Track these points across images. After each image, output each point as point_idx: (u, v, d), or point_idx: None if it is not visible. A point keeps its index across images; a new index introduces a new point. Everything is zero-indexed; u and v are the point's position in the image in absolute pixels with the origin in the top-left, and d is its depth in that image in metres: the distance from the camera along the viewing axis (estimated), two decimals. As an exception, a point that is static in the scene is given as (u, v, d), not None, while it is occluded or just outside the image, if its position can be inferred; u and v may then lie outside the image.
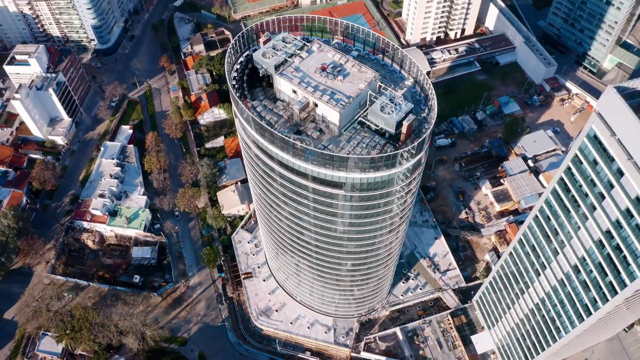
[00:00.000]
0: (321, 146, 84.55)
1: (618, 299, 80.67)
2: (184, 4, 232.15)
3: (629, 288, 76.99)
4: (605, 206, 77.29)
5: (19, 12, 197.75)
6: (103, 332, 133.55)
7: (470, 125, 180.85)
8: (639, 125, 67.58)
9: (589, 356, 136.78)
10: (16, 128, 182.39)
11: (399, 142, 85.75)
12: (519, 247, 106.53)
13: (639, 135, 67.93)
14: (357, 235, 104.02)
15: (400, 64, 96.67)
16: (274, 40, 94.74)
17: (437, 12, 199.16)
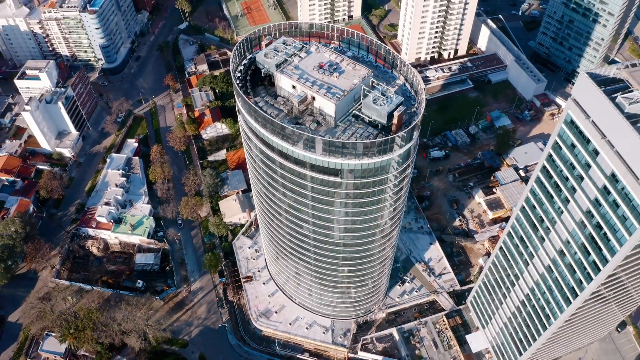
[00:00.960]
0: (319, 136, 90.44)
1: (601, 277, 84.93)
2: (189, 27, 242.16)
3: (611, 264, 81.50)
4: (585, 187, 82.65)
5: (30, 31, 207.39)
6: (106, 332, 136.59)
7: (463, 139, 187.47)
8: (610, 105, 73.73)
9: (582, 356, 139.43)
10: (24, 141, 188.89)
11: (391, 132, 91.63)
12: (508, 240, 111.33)
13: (611, 115, 73.78)
14: (353, 240, 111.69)
15: (392, 64, 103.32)
16: (275, 43, 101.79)
17: (431, 33, 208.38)
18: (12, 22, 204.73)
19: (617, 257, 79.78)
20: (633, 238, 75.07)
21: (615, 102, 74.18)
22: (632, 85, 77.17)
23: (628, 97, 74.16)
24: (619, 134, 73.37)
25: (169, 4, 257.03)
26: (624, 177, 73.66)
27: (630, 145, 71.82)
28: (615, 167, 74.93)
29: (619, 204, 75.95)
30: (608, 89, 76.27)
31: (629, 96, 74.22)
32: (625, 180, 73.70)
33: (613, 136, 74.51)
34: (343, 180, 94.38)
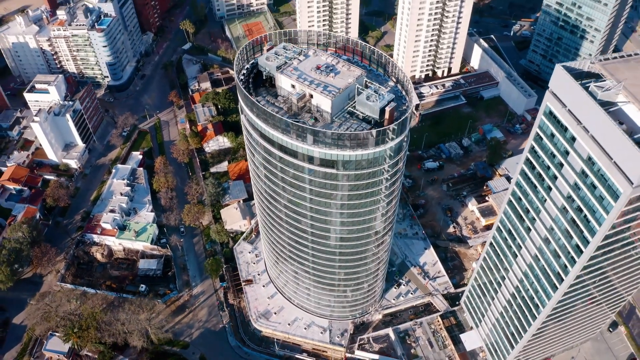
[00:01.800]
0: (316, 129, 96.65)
1: (584, 259, 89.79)
2: (192, 47, 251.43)
3: (592, 244, 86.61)
4: (565, 173, 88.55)
5: (39, 48, 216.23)
6: (109, 331, 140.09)
7: (456, 151, 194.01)
8: (584, 94, 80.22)
9: (575, 355, 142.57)
10: (32, 152, 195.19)
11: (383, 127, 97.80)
12: (497, 234, 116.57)
13: (585, 103, 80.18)
14: (349, 242, 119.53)
15: (384, 68, 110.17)
16: (276, 48, 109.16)
17: (425, 52, 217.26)
18: (22, 40, 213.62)
19: (597, 237, 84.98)
20: (610, 216, 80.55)
21: (588, 91, 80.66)
22: (604, 76, 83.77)
23: (600, 85, 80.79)
24: (593, 119, 79.61)
25: (173, 26, 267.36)
26: (599, 159, 79.58)
27: (603, 129, 77.97)
28: (591, 150, 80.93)
29: (596, 185, 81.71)
30: (583, 81, 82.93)
31: (601, 85, 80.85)
32: (600, 162, 79.58)
33: (588, 122, 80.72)
34: (339, 171, 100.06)
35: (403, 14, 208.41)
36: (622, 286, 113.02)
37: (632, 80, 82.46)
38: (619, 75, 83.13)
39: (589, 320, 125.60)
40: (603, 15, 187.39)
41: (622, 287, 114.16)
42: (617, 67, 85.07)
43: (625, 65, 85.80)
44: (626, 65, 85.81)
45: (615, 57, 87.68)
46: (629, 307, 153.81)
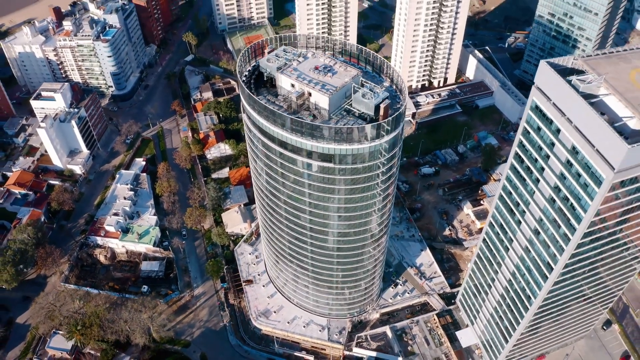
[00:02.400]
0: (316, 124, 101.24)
1: (571, 247, 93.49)
2: (195, 59, 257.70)
3: (578, 231, 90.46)
4: (551, 164, 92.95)
5: (45, 58, 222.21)
6: (112, 328, 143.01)
7: (452, 157, 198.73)
8: (567, 87, 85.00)
9: (569, 352, 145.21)
10: (37, 158, 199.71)
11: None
12: (490, 230, 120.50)
13: (568, 95, 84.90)
14: (346, 245, 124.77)
15: (380, 69, 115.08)
16: (277, 51, 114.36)
17: (421, 62, 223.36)
18: (28, 49, 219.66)
19: (583, 224, 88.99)
20: (595, 202, 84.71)
21: (571, 84, 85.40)
22: (586, 71, 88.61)
23: (582, 79, 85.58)
24: (576, 111, 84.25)
25: (176, 39, 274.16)
26: (583, 148, 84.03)
27: (586, 119, 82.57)
28: (575, 140, 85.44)
29: (581, 173, 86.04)
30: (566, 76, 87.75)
31: (583, 78, 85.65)
32: (584, 150, 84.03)
33: (571, 113, 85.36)
34: (336, 166, 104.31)
35: (399, 25, 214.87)
36: (611, 280, 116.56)
37: (613, 74, 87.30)
38: (600, 70, 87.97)
39: (580, 315, 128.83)
40: (594, 24, 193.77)
41: (611, 281, 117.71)
42: (598, 63, 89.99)
43: (607, 61, 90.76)
44: (608, 61, 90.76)
45: (598, 54, 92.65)
46: (623, 306, 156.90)
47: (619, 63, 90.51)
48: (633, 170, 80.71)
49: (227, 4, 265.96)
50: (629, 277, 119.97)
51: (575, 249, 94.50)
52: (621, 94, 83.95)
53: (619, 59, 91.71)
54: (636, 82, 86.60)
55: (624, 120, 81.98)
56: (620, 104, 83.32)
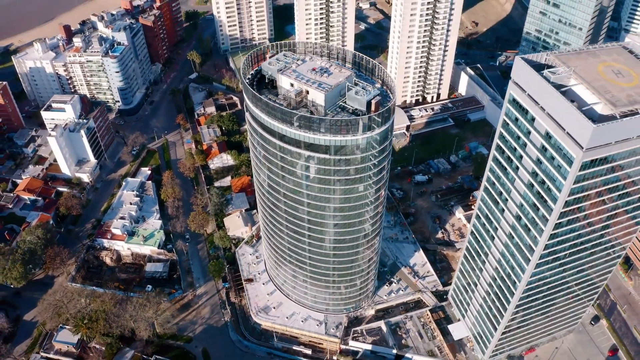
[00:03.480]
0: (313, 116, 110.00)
1: (550, 227, 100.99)
2: (198, 77, 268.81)
3: (555, 211, 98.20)
4: (528, 151, 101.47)
5: (55, 73, 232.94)
6: (118, 322, 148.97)
7: (444, 166, 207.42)
8: (539, 78, 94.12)
9: (559, 345, 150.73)
10: (46, 167, 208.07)
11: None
12: (477, 222, 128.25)
13: (541, 86, 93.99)
14: (342, 244, 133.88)
15: (372, 72, 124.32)
16: (277, 55, 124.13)
17: (414, 78, 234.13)
18: (39, 64, 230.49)
19: (558, 204, 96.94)
20: (568, 181, 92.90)
21: (543, 76, 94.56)
22: (557, 65, 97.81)
23: (552, 71, 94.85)
24: (548, 99, 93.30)
25: (180, 59, 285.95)
26: (555, 132, 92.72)
27: (556, 106, 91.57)
28: (548, 126, 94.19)
29: (554, 156, 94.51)
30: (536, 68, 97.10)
31: (553, 70, 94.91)
32: (556, 134, 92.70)
33: (544, 102, 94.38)
34: (331, 157, 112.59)
35: (394, 43, 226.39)
36: (592, 268, 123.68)
37: (582, 67, 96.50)
38: (570, 64, 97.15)
39: (566, 307, 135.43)
40: (578, 39, 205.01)
41: (592, 270, 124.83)
42: (569, 58, 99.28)
43: (577, 57, 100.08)
44: (578, 57, 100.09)
45: (569, 51, 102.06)
46: (610, 303, 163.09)
47: (588, 58, 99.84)
48: (601, 150, 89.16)
49: (229, 25, 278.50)
50: (610, 266, 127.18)
51: (554, 230, 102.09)
52: (589, 83, 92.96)
53: (588, 54, 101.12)
54: (603, 73, 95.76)
55: (591, 106, 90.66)
56: (588, 91, 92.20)
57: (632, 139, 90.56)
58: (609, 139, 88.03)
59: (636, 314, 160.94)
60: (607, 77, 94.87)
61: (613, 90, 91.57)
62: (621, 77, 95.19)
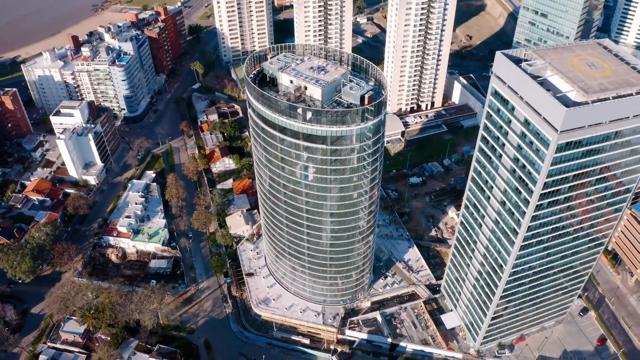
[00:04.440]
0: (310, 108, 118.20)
1: (531, 209, 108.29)
2: (201, 87, 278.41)
3: (535, 192, 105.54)
4: (510, 139, 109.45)
5: (63, 81, 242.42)
6: (123, 312, 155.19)
7: (438, 169, 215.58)
8: (518, 70, 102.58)
9: (548, 335, 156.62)
10: (54, 170, 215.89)
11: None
12: (465, 211, 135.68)
13: (519, 77, 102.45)
14: (338, 241, 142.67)
15: (366, 71, 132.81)
16: (278, 56, 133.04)
17: (409, 86, 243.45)
18: (47, 73, 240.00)
19: (538, 185, 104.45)
20: (545, 163, 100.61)
21: (521, 68, 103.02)
22: (534, 58, 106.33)
23: (530, 63, 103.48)
24: (525, 88, 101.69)
25: (183, 70, 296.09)
26: (533, 118, 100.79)
27: (533, 94, 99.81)
28: (526, 113, 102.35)
29: (533, 141, 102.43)
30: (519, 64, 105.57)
31: (530, 63, 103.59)
32: (534, 120, 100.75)
33: (522, 91, 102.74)
34: (328, 146, 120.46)
35: (389, 52, 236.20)
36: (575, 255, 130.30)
37: (557, 60, 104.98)
38: (546, 57, 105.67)
39: (552, 295, 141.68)
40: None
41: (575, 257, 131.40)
42: (546, 52, 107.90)
43: (554, 51, 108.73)
44: (554, 51, 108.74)
45: (547, 47, 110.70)
46: (599, 296, 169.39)
47: (564, 52, 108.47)
48: (575, 134, 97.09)
49: (231, 38, 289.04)
50: (593, 255, 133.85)
51: (535, 212, 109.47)
52: (564, 73, 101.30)
53: (564, 49, 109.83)
54: (577, 65, 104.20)
55: (565, 93, 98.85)
56: (563, 81, 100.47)
57: (604, 123, 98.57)
58: (582, 122, 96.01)
59: (624, 306, 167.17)
60: (580, 68, 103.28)
61: (586, 80, 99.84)
62: (594, 68, 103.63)
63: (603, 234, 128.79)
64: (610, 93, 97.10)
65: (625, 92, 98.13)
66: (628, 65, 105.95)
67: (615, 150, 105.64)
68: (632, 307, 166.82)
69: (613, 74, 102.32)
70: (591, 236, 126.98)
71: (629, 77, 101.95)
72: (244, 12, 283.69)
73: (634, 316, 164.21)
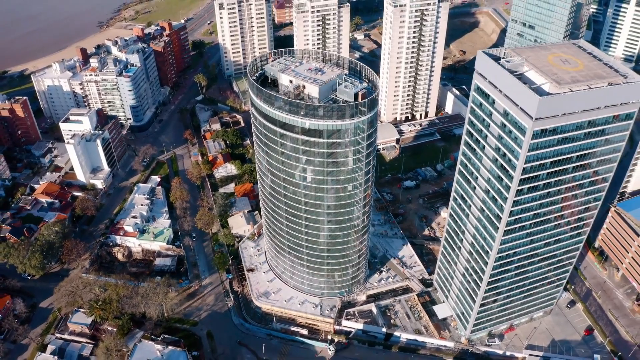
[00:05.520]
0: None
1: (512, 194, 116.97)
2: (204, 99, 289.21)
3: (515, 178, 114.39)
4: (492, 130, 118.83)
5: (71, 91, 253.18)
6: (129, 303, 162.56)
7: (431, 174, 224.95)
8: (497, 66, 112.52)
9: (537, 326, 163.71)
10: (62, 175, 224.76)
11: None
12: (453, 203, 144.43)
13: (498, 72, 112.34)
14: (335, 240, 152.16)
15: (360, 73, 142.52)
16: (279, 59, 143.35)
17: (404, 96, 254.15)
18: (56, 83, 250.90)
19: (517, 171, 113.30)
20: (523, 149, 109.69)
21: (499, 64, 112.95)
22: (512, 56, 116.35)
23: (507, 60, 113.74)
24: (503, 82, 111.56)
25: (187, 83, 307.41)
26: (511, 109, 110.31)
27: (511, 87, 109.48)
28: (505, 105, 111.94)
29: (511, 129, 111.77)
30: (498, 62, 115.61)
31: (508, 59, 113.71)
32: (512, 111, 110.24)
33: (501, 85, 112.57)
34: (324, 140, 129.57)
35: (384, 63, 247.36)
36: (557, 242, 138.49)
37: (533, 57, 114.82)
38: (523, 55, 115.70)
39: (538, 282, 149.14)
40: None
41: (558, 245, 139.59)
42: (523, 51, 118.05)
43: (531, 50, 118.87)
44: (531, 50, 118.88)
45: (524, 47, 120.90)
46: (586, 290, 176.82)
47: (540, 51, 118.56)
48: (549, 121, 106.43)
49: (233, 52, 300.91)
50: (576, 244, 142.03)
51: (516, 196, 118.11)
52: (539, 68, 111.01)
53: (541, 48, 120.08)
54: (552, 61, 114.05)
55: (540, 85, 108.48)
56: (538, 75, 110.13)
57: (577, 112, 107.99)
58: (554, 111, 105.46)
59: (610, 299, 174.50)
60: (555, 64, 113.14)
61: (559, 73, 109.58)
62: (568, 64, 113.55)
63: (584, 222, 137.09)
64: (582, 85, 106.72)
65: (596, 84, 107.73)
66: (600, 61, 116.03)
67: (589, 139, 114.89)
68: (618, 300, 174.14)
69: (585, 69, 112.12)
70: (572, 224, 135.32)
71: (600, 71, 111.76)
72: (246, 28, 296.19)
73: (620, 308, 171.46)
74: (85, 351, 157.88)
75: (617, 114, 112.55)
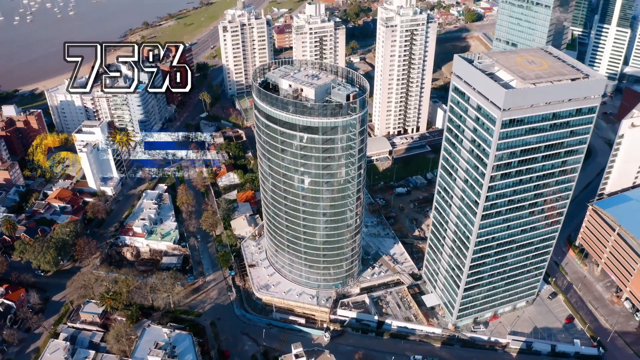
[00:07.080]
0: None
1: (487, 180, 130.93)
2: (208, 116, 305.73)
3: (489, 165, 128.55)
4: (468, 125, 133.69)
5: (83, 106, 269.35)
6: (139, 293, 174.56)
7: (421, 181, 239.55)
8: (470, 67, 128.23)
9: (520, 315, 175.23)
10: (74, 182, 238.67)
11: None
12: (438, 197, 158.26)
13: (471, 72, 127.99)
14: (330, 238, 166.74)
15: (352, 80, 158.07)
16: (279, 67, 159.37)
17: (396, 111, 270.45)
18: (69, 98, 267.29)
19: (490, 158, 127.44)
20: (494, 138, 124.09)
21: (473, 65, 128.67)
22: (484, 58, 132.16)
23: (480, 61, 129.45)
24: (476, 79, 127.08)
25: (192, 102, 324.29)
26: (483, 103, 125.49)
27: (482, 84, 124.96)
28: (477, 100, 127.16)
29: (484, 122, 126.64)
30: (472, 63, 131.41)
31: (480, 60, 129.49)
32: (484, 105, 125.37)
33: (474, 83, 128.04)
34: (320, 136, 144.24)
35: (377, 80, 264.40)
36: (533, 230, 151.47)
37: (503, 60, 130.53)
38: (494, 58, 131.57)
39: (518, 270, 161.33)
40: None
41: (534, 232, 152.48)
42: (494, 54, 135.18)
43: (502, 54, 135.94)
44: (503, 54, 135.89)
45: (497, 52, 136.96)
46: (567, 283, 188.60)
47: (510, 55, 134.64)
48: (516, 112, 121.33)
49: (236, 73, 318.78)
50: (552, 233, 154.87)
51: (491, 182, 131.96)
52: (508, 67, 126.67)
53: (510, 53, 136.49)
54: (520, 62, 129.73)
55: (508, 82, 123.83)
56: (506, 73, 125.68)
57: (541, 105, 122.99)
58: (520, 103, 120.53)
59: (591, 292, 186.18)
60: (522, 64, 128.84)
61: (525, 71, 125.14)
62: (534, 64, 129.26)
63: (557, 212, 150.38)
64: (544, 80, 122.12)
65: (557, 81, 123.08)
66: (564, 62, 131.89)
67: (554, 130, 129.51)
68: (598, 293, 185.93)
69: (549, 68, 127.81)
70: (546, 212, 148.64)
71: (563, 70, 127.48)
72: (248, 50, 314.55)
73: (600, 300, 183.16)
74: (95, 338, 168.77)
75: (580, 107, 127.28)
